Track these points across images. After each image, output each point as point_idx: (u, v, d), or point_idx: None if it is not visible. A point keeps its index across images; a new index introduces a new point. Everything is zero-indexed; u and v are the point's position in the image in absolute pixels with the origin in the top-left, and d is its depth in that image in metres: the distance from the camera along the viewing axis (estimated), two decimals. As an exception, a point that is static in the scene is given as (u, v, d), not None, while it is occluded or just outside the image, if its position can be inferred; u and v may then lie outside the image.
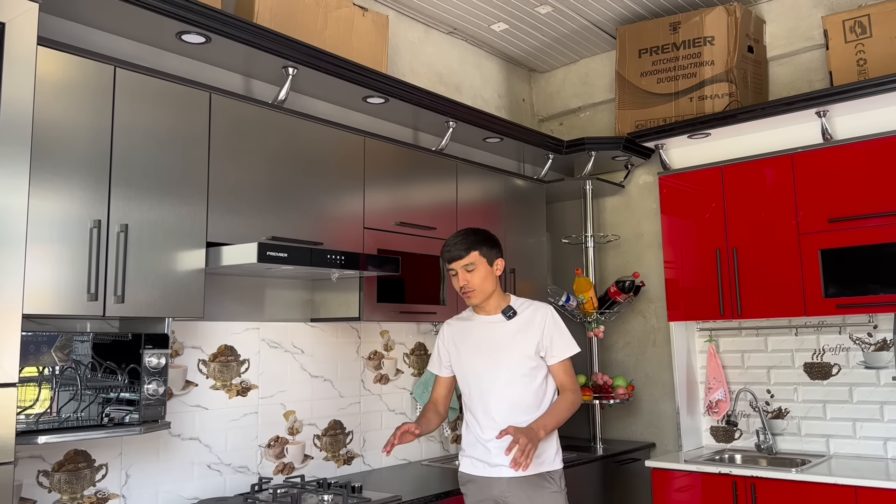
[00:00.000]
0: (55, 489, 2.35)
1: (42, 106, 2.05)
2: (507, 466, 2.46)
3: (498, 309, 2.70)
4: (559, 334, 2.66)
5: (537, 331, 2.63)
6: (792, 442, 3.66)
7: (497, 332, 2.66)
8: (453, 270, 2.65)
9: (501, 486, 2.55)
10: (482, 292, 2.64)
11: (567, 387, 2.64)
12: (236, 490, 2.80)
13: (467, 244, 2.64)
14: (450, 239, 2.70)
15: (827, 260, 3.32)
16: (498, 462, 2.54)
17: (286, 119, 2.77)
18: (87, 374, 2.22)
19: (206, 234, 2.45)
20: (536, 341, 2.62)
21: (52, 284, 2.06)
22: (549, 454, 2.61)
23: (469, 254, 2.62)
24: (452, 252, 2.63)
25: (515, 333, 2.64)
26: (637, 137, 3.91)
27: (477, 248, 2.64)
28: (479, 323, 2.71)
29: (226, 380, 2.84)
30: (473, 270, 2.62)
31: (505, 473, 2.53)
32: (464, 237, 2.67)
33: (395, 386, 3.55)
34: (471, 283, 2.62)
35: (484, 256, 2.64)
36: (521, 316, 2.67)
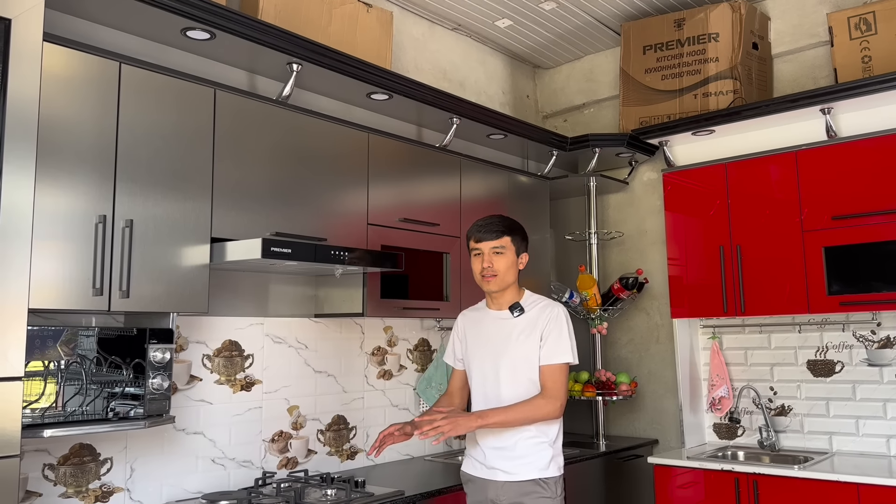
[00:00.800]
0: (60, 482, 2.37)
1: (48, 101, 2.06)
2: (500, 469, 2.46)
3: (509, 304, 2.60)
4: (557, 336, 2.49)
5: (539, 330, 2.52)
6: (795, 439, 3.66)
7: (503, 329, 2.57)
8: (479, 250, 2.55)
9: (496, 489, 2.48)
10: (502, 280, 2.53)
11: (545, 389, 2.46)
12: (240, 484, 2.82)
13: (503, 227, 2.55)
14: (482, 219, 2.60)
15: (831, 257, 3.32)
16: (493, 465, 2.49)
17: (290, 115, 2.78)
18: (93, 369, 2.24)
19: (210, 229, 2.46)
20: (537, 341, 2.51)
21: (57, 279, 2.07)
22: (541, 460, 2.47)
23: (502, 237, 2.53)
24: (485, 231, 2.54)
25: (520, 332, 2.54)
26: (641, 134, 3.91)
27: (510, 235, 2.55)
28: (489, 317, 2.63)
29: (230, 375, 2.86)
30: (501, 255, 2.52)
31: (499, 477, 2.47)
32: (500, 220, 2.58)
33: (398, 382, 3.56)
34: (494, 266, 2.51)
35: (514, 245, 2.56)
36: (529, 314, 2.56)
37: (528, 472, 2.45)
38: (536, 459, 2.47)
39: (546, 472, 2.47)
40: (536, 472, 2.46)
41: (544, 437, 2.49)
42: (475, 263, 2.57)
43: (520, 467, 2.46)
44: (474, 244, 2.57)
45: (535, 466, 2.46)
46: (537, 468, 2.46)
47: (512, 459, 2.47)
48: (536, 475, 2.46)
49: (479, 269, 2.55)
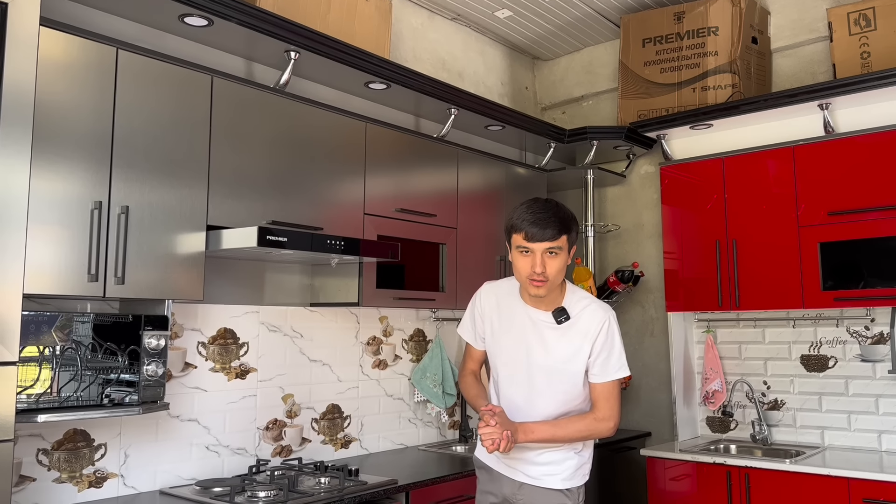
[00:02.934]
0: (54, 467, 2.37)
1: (44, 87, 2.05)
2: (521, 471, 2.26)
3: (551, 305, 2.23)
4: (610, 350, 2.20)
5: (587, 343, 2.19)
6: (787, 433, 3.68)
7: (542, 333, 2.23)
8: (528, 249, 2.12)
9: (513, 488, 2.28)
10: (553, 284, 2.16)
11: (598, 409, 2.21)
12: (234, 471, 2.83)
13: (560, 224, 2.12)
14: (531, 208, 2.15)
15: (826, 253, 3.33)
16: (513, 465, 2.28)
17: (288, 103, 2.78)
18: (88, 355, 2.24)
19: (206, 217, 2.46)
20: (586, 355, 2.20)
21: (52, 265, 2.07)
22: (567, 471, 2.26)
23: (560, 237, 2.11)
24: (540, 227, 2.10)
25: (563, 340, 2.22)
26: (639, 127, 3.90)
27: (567, 233, 2.14)
28: (524, 315, 2.26)
29: (225, 362, 2.86)
30: (556, 256, 2.12)
31: (519, 477, 2.27)
32: (555, 213, 2.13)
33: (393, 371, 3.57)
34: (548, 270, 2.11)
35: (569, 242, 2.17)
36: (575, 322, 2.21)
37: (552, 481, 2.25)
38: (562, 470, 2.25)
39: (570, 481, 2.26)
40: (560, 482, 2.25)
41: (572, 448, 2.28)
42: (522, 262, 2.15)
43: (544, 475, 2.25)
44: (524, 241, 2.13)
45: (560, 477, 2.25)
46: (561, 479, 2.25)
47: (536, 465, 2.26)
48: (560, 485, 2.25)
49: (527, 270, 2.14)
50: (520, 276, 2.19)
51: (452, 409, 3.85)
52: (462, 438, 3.73)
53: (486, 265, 3.64)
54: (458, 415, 3.87)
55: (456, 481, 2.90)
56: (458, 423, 3.86)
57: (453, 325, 3.93)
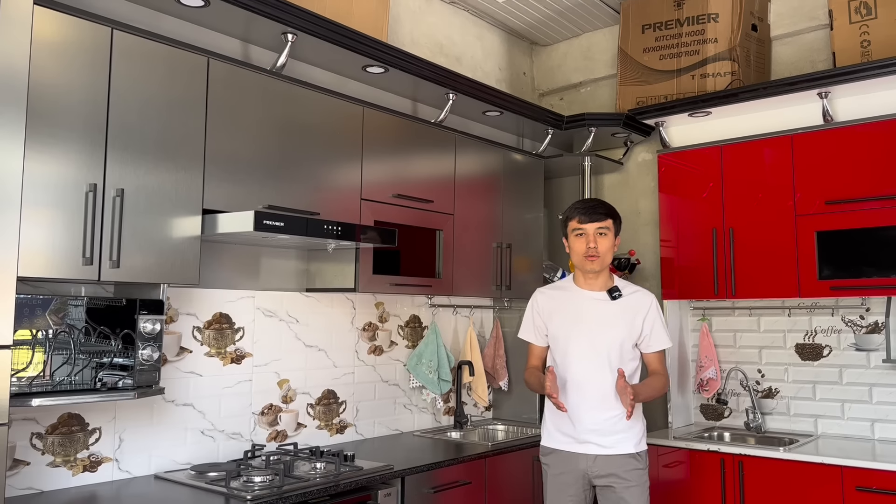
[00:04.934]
0: (49, 451, 2.36)
1: (38, 67, 2.02)
2: (594, 443, 2.57)
3: (604, 286, 2.69)
4: (661, 325, 2.68)
5: (640, 317, 2.64)
6: (781, 421, 3.69)
7: (599, 311, 2.66)
8: (582, 230, 2.64)
9: (588, 462, 2.59)
10: (603, 261, 2.64)
11: (660, 372, 2.67)
12: (229, 456, 2.82)
13: (607, 210, 2.67)
14: (582, 201, 2.75)
15: (823, 242, 3.33)
16: (586, 438, 2.58)
17: (285, 86, 2.75)
18: (81, 339, 2.22)
19: (202, 200, 2.44)
20: (639, 328, 2.64)
21: (47, 248, 2.05)
22: (636, 435, 2.62)
23: (606, 219, 2.65)
24: (591, 212, 2.64)
25: (618, 316, 2.64)
26: (638, 114, 3.88)
27: (613, 217, 2.68)
28: (581, 297, 2.70)
29: (220, 347, 2.85)
30: (604, 236, 2.64)
31: (592, 450, 2.58)
32: (601, 203, 2.71)
33: (388, 357, 3.57)
34: (599, 247, 2.62)
35: (615, 227, 2.68)
36: (626, 299, 2.67)
37: (625, 446, 2.58)
38: (633, 435, 2.60)
39: (640, 445, 2.62)
40: (633, 446, 2.59)
41: (638, 413, 2.65)
42: (578, 243, 2.65)
43: (617, 442, 2.57)
44: (578, 224, 2.65)
45: (633, 442, 2.59)
46: (633, 443, 2.59)
47: (608, 434, 2.58)
48: (633, 449, 2.59)
49: (583, 249, 2.63)
50: (576, 257, 2.67)
51: (447, 396, 3.85)
52: (457, 424, 3.73)
53: (482, 252, 3.63)
54: (452, 401, 3.87)
55: (451, 467, 2.90)
56: (452, 410, 3.87)
57: (449, 311, 3.92)
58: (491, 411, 4.13)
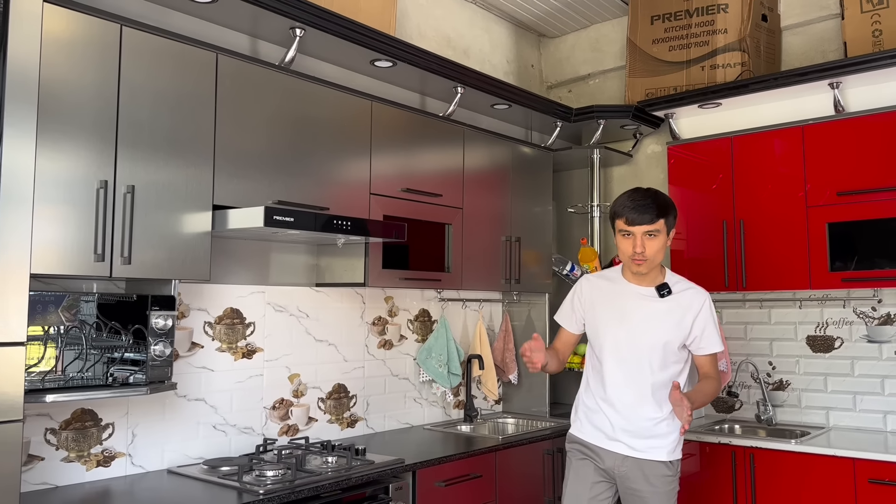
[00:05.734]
0: (62, 447, 2.38)
1: (48, 64, 2.03)
2: (625, 443, 2.46)
3: (653, 282, 2.52)
4: (713, 326, 2.51)
5: (690, 318, 2.47)
6: (792, 414, 3.68)
7: (646, 308, 2.49)
8: (629, 232, 2.43)
9: (616, 461, 2.49)
10: (653, 263, 2.46)
11: (712, 375, 2.52)
12: (241, 450, 2.83)
13: (658, 209, 2.42)
14: (632, 196, 2.45)
15: (834, 233, 3.31)
16: (618, 437, 2.48)
17: (293, 81, 2.74)
18: (93, 334, 2.24)
19: (212, 196, 2.44)
20: (688, 328, 2.47)
21: (59, 244, 2.06)
22: (671, 444, 2.50)
23: (658, 221, 2.41)
24: (638, 213, 2.40)
25: (666, 315, 2.48)
26: (647, 106, 3.87)
27: (665, 216, 2.44)
28: (628, 291, 2.54)
29: (231, 342, 2.86)
30: (655, 238, 2.43)
31: (622, 450, 2.48)
32: (654, 199, 2.43)
33: (398, 351, 3.57)
34: (647, 251, 2.42)
35: (667, 226, 2.46)
36: (676, 297, 2.50)
37: (657, 453, 2.46)
38: (668, 443, 2.48)
39: (674, 454, 2.49)
40: (666, 454, 2.48)
41: (675, 422, 2.48)
42: (625, 244, 2.46)
43: (649, 448, 2.46)
44: (625, 226, 2.44)
45: (666, 450, 2.48)
46: (667, 451, 2.48)
47: (644, 438, 2.47)
48: (666, 458, 2.47)
49: (629, 251, 2.45)
50: (623, 257, 2.51)
51: (457, 389, 3.85)
52: (467, 418, 3.74)
53: (491, 245, 3.63)
54: (462, 395, 3.87)
55: (462, 460, 2.91)
56: (462, 403, 3.87)
57: (458, 305, 3.92)
58: (501, 405, 4.14)
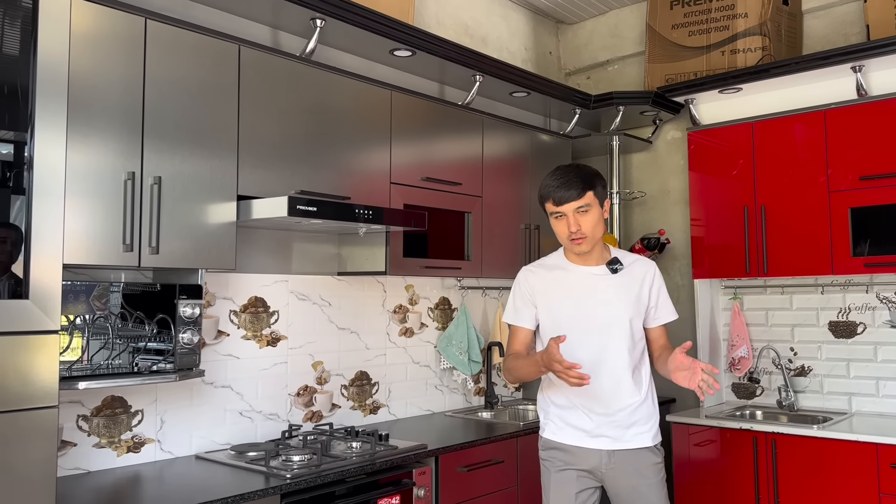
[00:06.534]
0: (94, 433, 2.44)
1: (76, 59, 2.06)
2: (609, 437, 2.30)
3: (601, 259, 2.38)
4: (666, 293, 2.42)
5: (646, 289, 2.37)
6: (814, 399, 3.67)
7: (600, 287, 2.35)
8: (560, 213, 2.30)
9: (600, 458, 2.31)
10: (593, 239, 2.31)
11: (670, 346, 2.38)
12: (267, 436, 2.89)
13: (583, 182, 2.27)
14: (554, 177, 2.31)
15: (856, 218, 3.28)
16: (601, 432, 2.30)
17: (314, 72, 2.77)
18: (118, 324, 2.28)
19: (236, 187, 2.48)
20: (646, 300, 2.37)
21: (89, 235, 2.10)
22: (654, 427, 2.37)
23: (585, 194, 2.26)
24: (564, 191, 2.26)
25: (624, 290, 2.34)
26: (667, 92, 3.85)
27: (592, 188, 2.29)
28: (578, 273, 2.38)
29: (256, 330, 2.90)
30: (587, 213, 2.28)
31: (607, 445, 2.30)
32: (576, 173, 2.29)
33: (419, 339, 3.60)
34: (583, 227, 2.27)
35: (598, 197, 2.30)
36: (629, 270, 2.37)
37: (643, 439, 2.32)
38: (650, 427, 2.35)
39: (657, 437, 2.37)
40: (651, 439, 2.34)
41: (654, 401, 2.40)
42: (559, 227, 2.32)
43: (634, 436, 2.32)
44: (554, 207, 2.30)
45: (651, 434, 2.35)
46: (651, 435, 2.35)
47: (626, 427, 2.31)
48: (651, 442, 2.34)
49: (565, 233, 2.30)
50: (562, 240, 2.37)
51: (478, 376, 3.88)
52: (488, 404, 3.77)
53: (510, 233, 3.64)
54: (483, 381, 3.90)
55: (484, 446, 2.94)
56: (483, 390, 3.90)
57: (478, 293, 3.94)
58: (521, 391, 4.16)
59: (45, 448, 1.76)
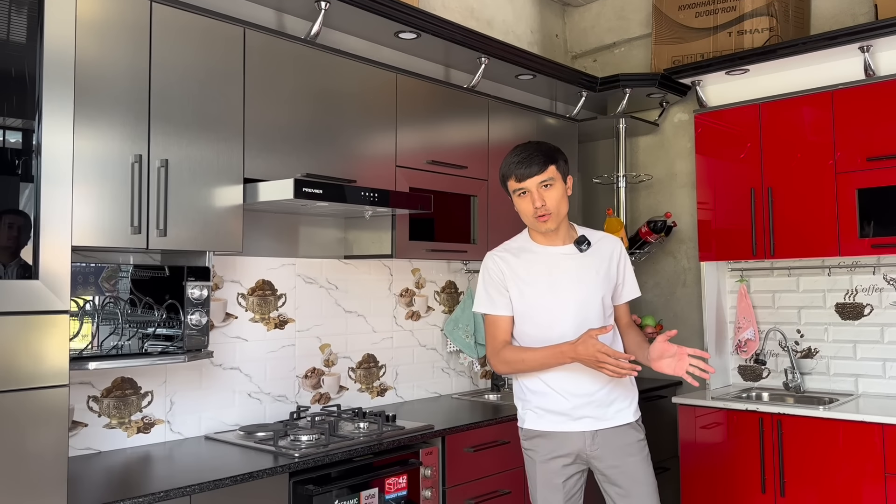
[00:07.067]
0: (104, 414, 2.47)
1: (82, 44, 2.07)
2: (591, 417, 2.27)
3: (569, 238, 2.36)
4: (631, 270, 2.41)
5: (614, 265, 2.35)
6: (820, 381, 3.68)
7: (570, 267, 2.31)
8: (523, 190, 2.26)
9: (584, 440, 2.28)
10: (558, 216, 2.27)
11: (633, 324, 2.41)
12: (276, 417, 2.92)
13: (544, 157, 2.24)
14: (515, 153, 2.28)
15: (864, 199, 3.27)
16: (582, 413, 2.27)
17: (319, 55, 2.77)
18: (127, 310, 2.30)
19: (243, 170, 2.49)
20: (614, 277, 2.36)
21: (97, 218, 2.12)
22: (634, 402, 2.37)
23: (547, 168, 2.23)
24: (525, 167, 2.23)
25: (593, 268, 2.32)
26: (673, 74, 3.83)
27: (554, 162, 2.26)
28: (546, 254, 2.34)
29: (264, 313, 2.93)
30: (551, 188, 2.24)
31: (589, 426, 2.27)
32: (536, 149, 2.27)
33: (426, 323, 3.62)
34: (548, 203, 2.23)
35: (560, 172, 2.27)
36: (596, 248, 2.36)
37: (624, 416, 2.31)
38: (629, 402, 2.35)
39: (637, 413, 2.37)
40: (632, 414, 2.34)
41: (630, 380, 2.38)
42: (523, 204, 2.28)
43: (616, 413, 2.30)
44: (516, 184, 2.26)
45: (631, 409, 2.35)
46: (632, 411, 2.35)
47: (607, 406, 2.29)
48: (633, 418, 2.34)
49: (530, 210, 2.26)
50: (527, 219, 2.32)
51: (484, 360, 3.90)
52: (494, 387, 3.79)
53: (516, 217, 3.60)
54: (489, 364, 3.91)
55: (490, 427, 2.96)
56: (489, 373, 3.92)
57: (485, 276, 3.95)
58: (528, 374, 4.17)
59: (56, 427, 1.79)
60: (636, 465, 2.30)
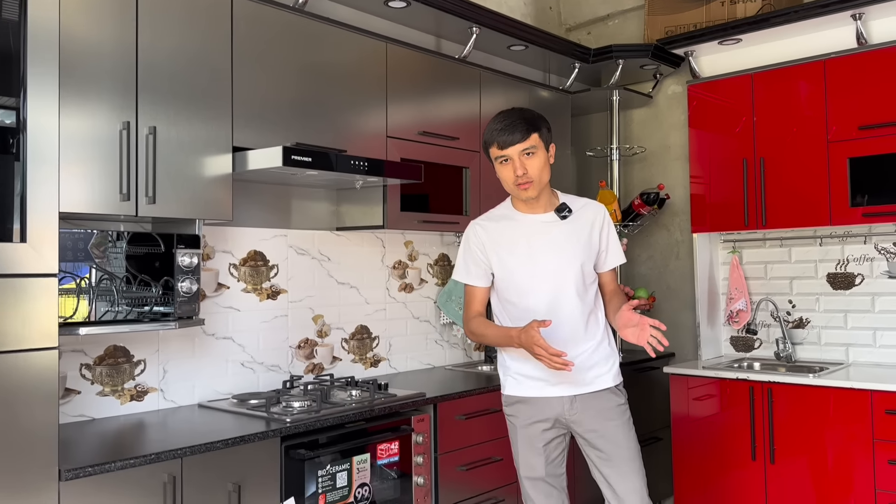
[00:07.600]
0: (97, 381, 2.49)
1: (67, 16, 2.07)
2: (570, 382, 2.27)
3: (550, 206, 2.35)
4: (615, 237, 2.40)
5: (596, 232, 2.34)
6: (811, 351, 3.70)
7: (552, 234, 2.32)
8: (505, 157, 2.24)
9: (564, 405, 2.30)
10: (540, 183, 2.26)
11: (620, 291, 2.41)
12: (269, 387, 2.94)
13: (527, 124, 2.23)
14: (498, 120, 2.27)
15: (855, 168, 3.27)
16: (561, 379, 2.27)
17: (308, 24, 2.76)
18: (123, 287, 2.30)
19: (231, 139, 2.49)
20: (597, 244, 2.35)
21: (86, 185, 2.13)
22: (614, 367, 2.37)
23: (530, 135, 2.22)
24: (508, 134, 2.22)
25: (574, 235, 2.32)
26: (666, 44, 3.82)
27: (537, 130, 2.25)
28: (527, 222, 2.34)
29: (256, 283, 2.94)
30: (533, 156, 2.23)
31: (568, 391, 2.28)
32: (520, 115, 2.25)
33: (419, 295, 3.64)
34: (530, 171, 2.22)
35: (543, 140, 2.26)
36: (578, 215, 2.35)
37: (603, 381, 2.32)
38: (609, 367, 2.35)
39: (618, 377, 2.37)
40: (611, 379, 2.34)
41: (611, 343, 2.40)
42: (505, 172, 2.27)
43: (595, 378, 2.31)
44: (499, 151, 2.25)
45: (611, 374, 2.35)
46: (612, 376, 2.35)
47: (584, 370, 2.29)
48: (612, 383, 2.34)
49: (511, 177, 2.25)
50: (508, 186, 2.31)
51: (478, 331, 3.91)
52: (487, 359, 3.81)
53: (509, 188, 3.64)
54: (483, 336, 3.93)
55: (482, 395, 2.99)
56: (482, 345, 3.94)
57: (478, 249, 3.96)
58: (521, 347, 4.19)
59: (45, 390, 1.81)
60: (616, 430, 2.30)
